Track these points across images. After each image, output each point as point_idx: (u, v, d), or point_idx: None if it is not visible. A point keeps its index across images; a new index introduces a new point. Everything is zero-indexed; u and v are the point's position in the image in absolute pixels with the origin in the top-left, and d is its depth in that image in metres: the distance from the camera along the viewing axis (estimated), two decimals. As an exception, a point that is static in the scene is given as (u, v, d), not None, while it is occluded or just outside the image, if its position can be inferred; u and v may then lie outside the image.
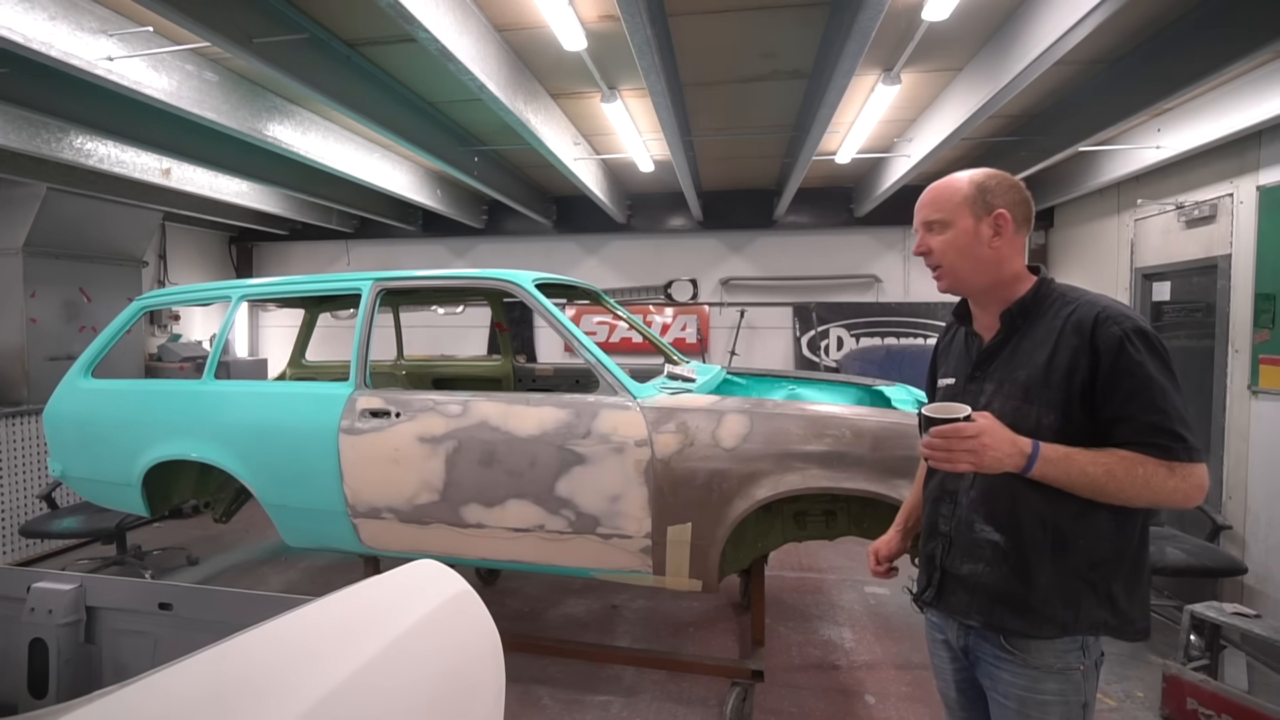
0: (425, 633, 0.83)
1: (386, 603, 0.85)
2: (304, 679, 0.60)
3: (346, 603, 0.83)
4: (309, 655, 0.66)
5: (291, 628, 0.71)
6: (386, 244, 7.26)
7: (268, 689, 0.58)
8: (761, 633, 2.83)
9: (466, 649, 0.90)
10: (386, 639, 0.76)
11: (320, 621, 0.76)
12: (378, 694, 0.69)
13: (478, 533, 2.60)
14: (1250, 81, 3.26)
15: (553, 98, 3.73)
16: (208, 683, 0.56)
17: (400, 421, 2.67)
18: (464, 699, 0.85)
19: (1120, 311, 1.26)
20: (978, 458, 1.20)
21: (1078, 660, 1.30)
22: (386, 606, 0.83)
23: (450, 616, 0.89)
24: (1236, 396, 3.59)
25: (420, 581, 0.93)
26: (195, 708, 0.51)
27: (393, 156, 4.87)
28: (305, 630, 0.72)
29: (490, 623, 0.96)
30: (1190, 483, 1.18)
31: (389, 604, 0.84)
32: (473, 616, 0.93)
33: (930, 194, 1.42)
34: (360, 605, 0.83)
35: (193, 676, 0.56)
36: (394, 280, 2.96)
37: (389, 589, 0.89)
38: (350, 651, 0.70)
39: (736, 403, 2.41)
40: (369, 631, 0.75)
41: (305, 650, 0.67)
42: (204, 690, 0.54)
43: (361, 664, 0.69)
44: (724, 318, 6.56)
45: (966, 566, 1.38)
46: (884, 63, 3.16)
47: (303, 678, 0.60)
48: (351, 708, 0.64)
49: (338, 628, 0.75)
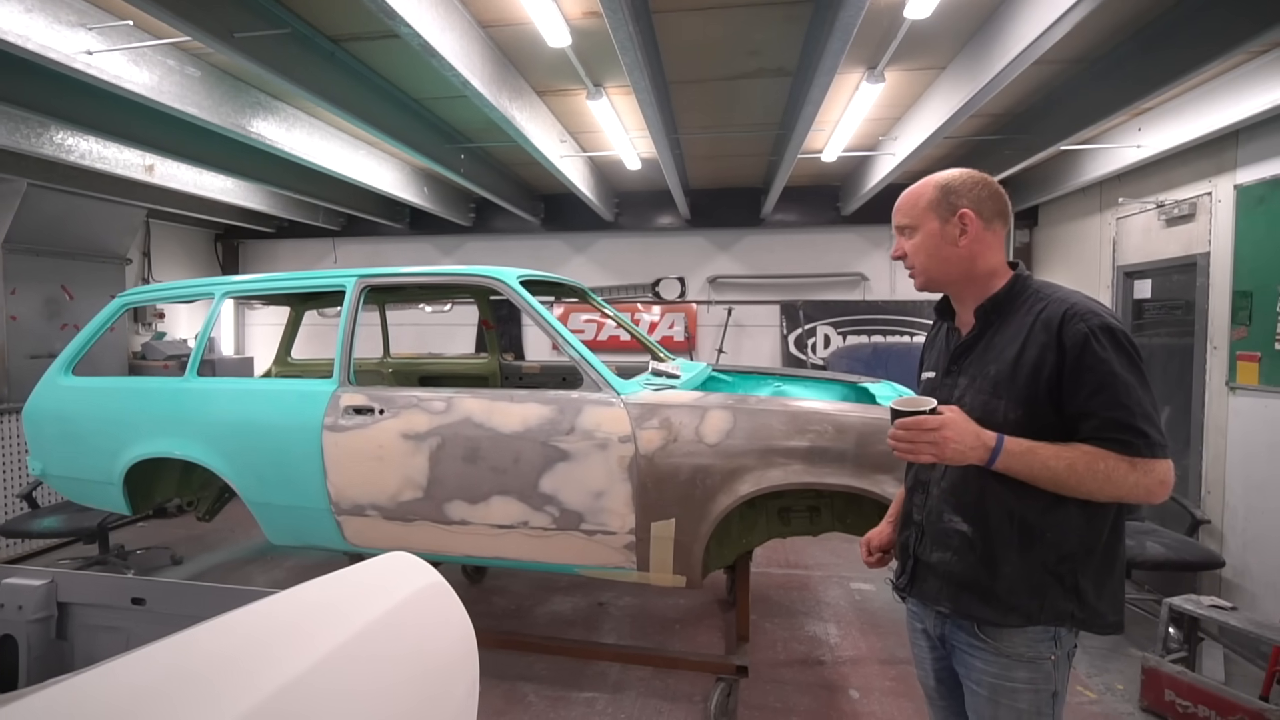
0: (394, 623, 0.83)
1: (355, 593, 0.84)
2: (264, 667, 0.60)
3: (315, 593, 0.82)
4: (271, 643, 0.66)
5: (256, 617, 0.71)
6: (374, 242, 7.22)
7: (225, 677, 0.58)
8: (746, 628, 2.84)
9: (438, 640, 0.90)
10: (353, 628, 0.75)
11: (286, 611, 0.75)
12: (342, 683, 0.69)
13: (462, 530, 2.60)
14: (1227, 82, 3.30)
15: (539, 95, 3.72)
16: (162, 671, 0.55)
17: (384, 418, 2.66)
18: (434, 690, 0.85)
19: (1088, 308, 1.27)
20: (939, 449, 1.22)
21: (1049, 650, 1.32)
22: (355, 596, 0.83)
23: (421, 607, 0.89)
24: (1215, 393, 3.64)
25: (391, 572, 0.93)
26: (146, 696, 0.51)
27: (379, 154, 4.84)
28: (270, 619, 0.72)
29: (463, 615, 0.96)
30: (1152, 478, 1.19)
31: (357, 594, 0.84)
32: (445, 608, 0.93)
33: (902, 200, 1.46)
34: (328, 595, 0.83)
35: (149, 665, 0.56)
36: (378, 277, 2.95)
37: (359, 579, 0.89)
38: (315, 640, 0.70)
39: (720, 398, 2.42)
40: (335, 621, 0.75)
41: (268, 639, 0.67)
42: (157, 678, 0.54)
43: (325, 653, 0.69)
44: (712, 316, 6.58)
45: (936, 555, 1.40)
46: (868, 61, 3.18)
47: (262, 666, 0.60)
48: (314, 696, 0.64)
49: (304, 617, 0.75)
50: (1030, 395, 1.28)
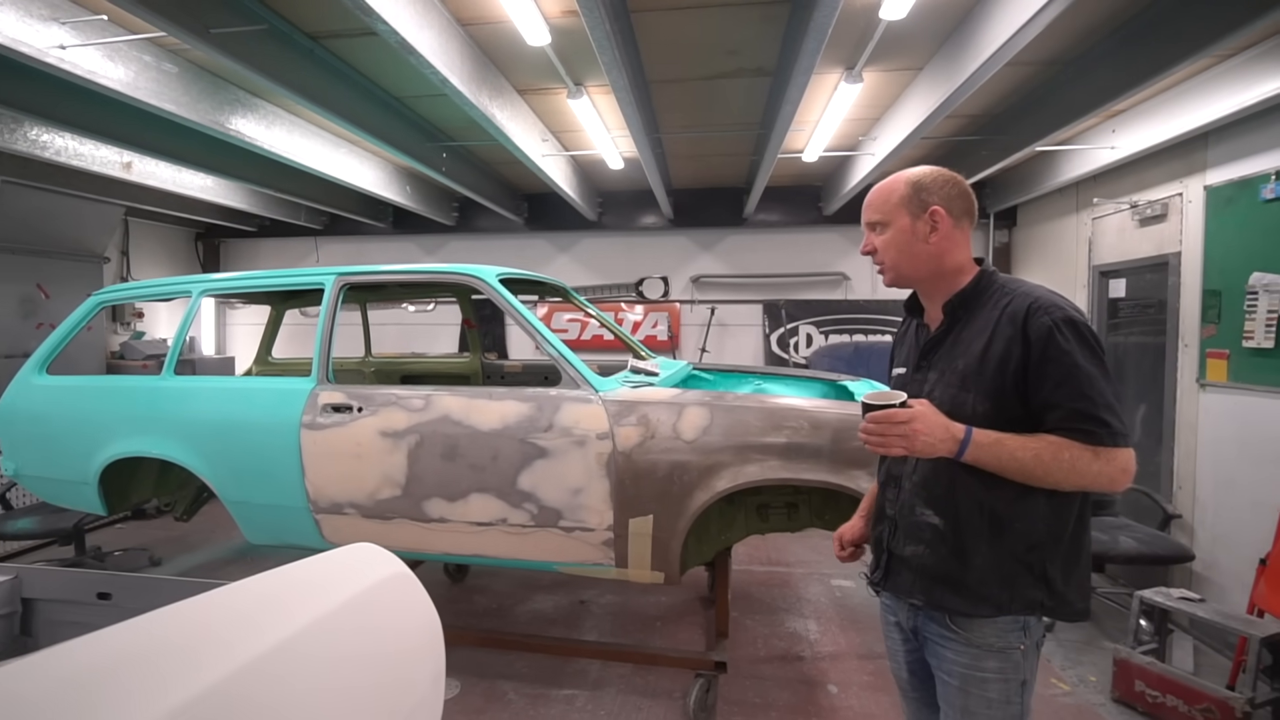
0: (355, 611, 0.83)
1: (316, 581, 0.85)
2: (214, 652, 0.61)
3: (275, 581, 0.83)
4: (224, 630, 0.66)
5: (211, 604, 0.71)
6: (357, 241, 7.18)
7: (172, 661, 0.58)
8: (726, 625, 2.86)
9: (401, 629, 0.91)
10: (311, 616, 0.76)
11: (244, 598, 0.76)
12: (296, 669, 0.69)
13: (440, 527, 2.59)
14: (1197, 85, 3.37)
15: (519, 93, 3.72)
16: (108, 655, 0.56)
17: (362, 416, 2.65)
18: (396, 678, 0.85)
19: (1052, 302, 1.30)
20: (909, 442, 1.24)
21: (1018, 640, 1.34)
22: (315, 584, 0.84)
23: (384, 597, 0.90)
24: (1186, 390, 3.71)
25: (355, 561, 0.93)
26: (88, 679, 0.51)
27: (360, 152, 4.82)
28: (225, 607, 0.72)
29: (429, 605, 0.96)
30: (1115, 466, 1.22)
31: (318, 582, 0.85)
32: (409, 598, 0.94)
33: (871, 196, 1.48)
34: (288, 583, 0.83)
35: (94, 649, 0.56)
36: (357, 275, 2.95)
37: (321, 568, 0.89)
38: (270, 627, 0.70)
39: (697, 395, 2.44)
40: (293, 608, 0.76)
41: (221, 625, 0.67)
42: (101, 662, 0.54)
43: (281, 639, 0.69)
44: (695, 315, 6.60)
45: (909, 548, 1.42)
46: (846, 61, 3.21)
47: (212, 651, 0.61)
48: (267, 681, 0.64)
49: (261, 604, 0.75)
50: (997, 388, 1.30)
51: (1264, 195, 3.15)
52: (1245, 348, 3.25)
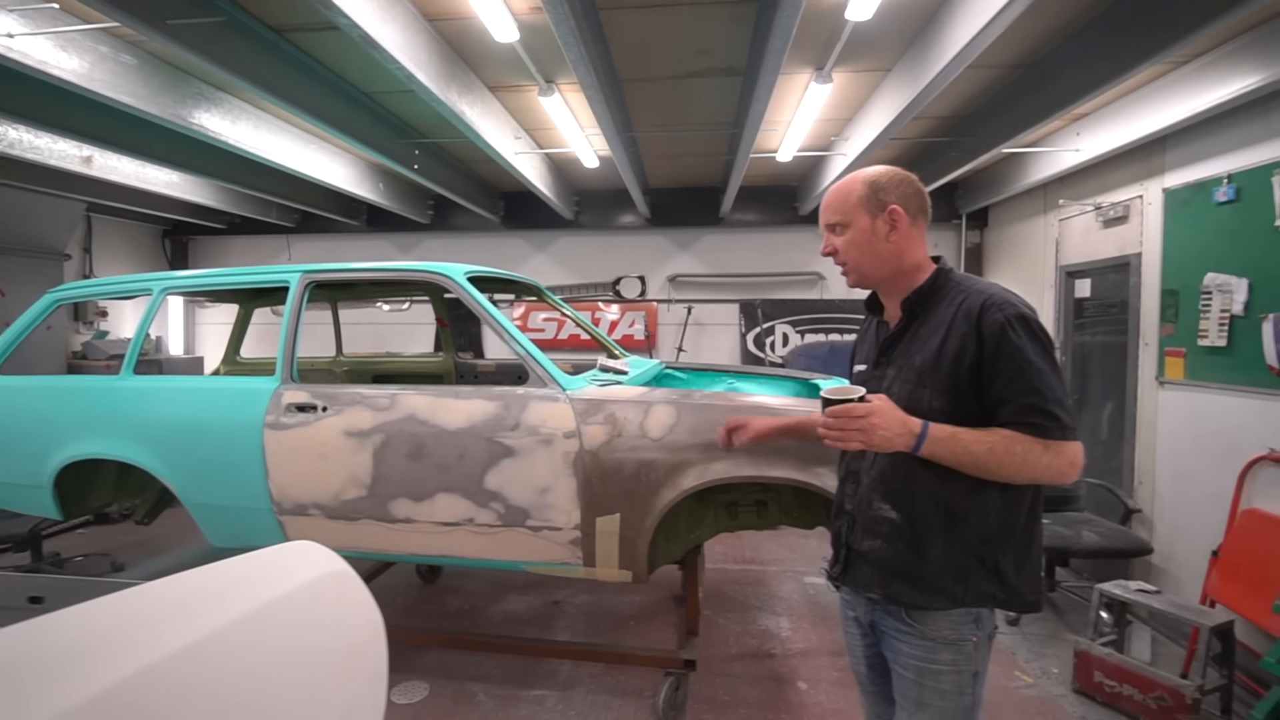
0: (286, 608, 0.81)
1: (247, 577, 0.83)
2: (119, 653, 0.59)
3: (202, 577, 0.81)
4: (139, 627, 0.64)
5: (128, 601, 0.69)
6: (330, 239, 7.08)
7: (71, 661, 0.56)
8: (696, 623, 2.86)
9: (338, 627, 0.89)
10: (237, 613, 0.74)
11: (164, 595, 0.73)
12: (219, 667, 0.67)
13: (406, 528, 2.56)
14: (1155, 90, 3.45)
15: (490, 90, 3.69)
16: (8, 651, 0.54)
17: (326, 416, 2.61)
18: (330, 677, 0.83)
19: (1005, 299, 1.33)
20: (867, 437, 1.25)
21: (971, 632, 1.37)
22: (245, 581, 0.82)
23: (320, 594, 0.88)
24: (1146, 387, 3.80)
25: (290, 558, 0.91)
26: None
27: (330, 148, 4.75)
28: (144, 603, 0.70)
29: (370, 604, 0.95)
30: (1064, 459, 1.25)
31: (249, 578, 0.83)
32: (348, 596, 0.92)
33: (830, 196, 1.49)
34: (217, 580, 0.81)
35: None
36: (322, 272, 2.90)
37: (255, 565, 0.87)
38: (191, 623, 0.68)
39: (664, 394, 2.44)
40: (217, 604, 0.74)
41: (136, 622, 0.65)
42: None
43: (201, 636, 0.67)
44: (672, 314, 6.61)
45: (867, 543, 1.44)
46: (815, 62, 3.24)
47: (118, 651, 0.59)
48: (179, 680, 0.62)
49: (182, 601, 0.73)
50: (953, 383, 1.33)
51: (1217, 198, 3.24)
52: (1200, 346, 3.33)
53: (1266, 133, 3.04)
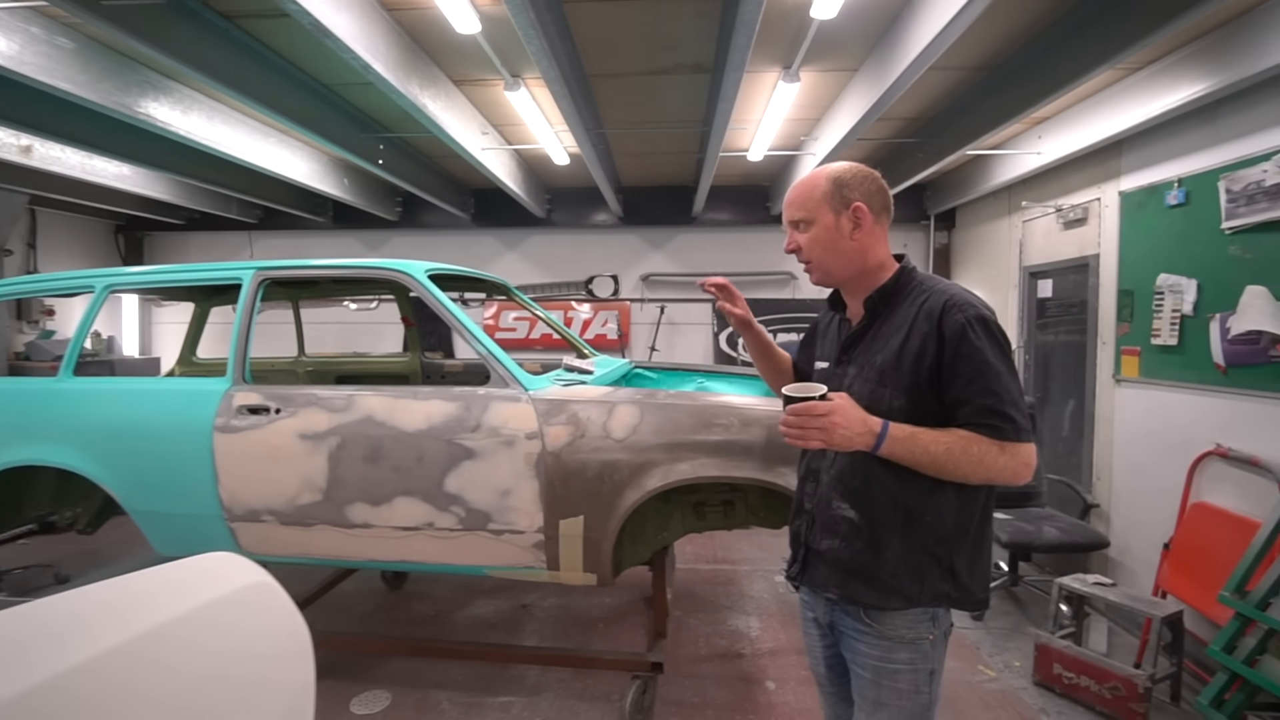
0: (199, 622, 0.76)
1: (158, 590, 0.78)
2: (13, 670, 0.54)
3: (109, 591, 0.75)
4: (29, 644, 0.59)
5: (21, 617, 0.64)
6: (295, 236, 6.90)
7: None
8: (664, 625, 2.83)
9: (258, 642, 0.84)
10: (143, 627, 0.69)
11: (62, 609, 0.68)
12: (120, 686, 0.62)
13: (364, 533, 2.49)
14: (1111, 95, 3.53)
15: (455, 84, 3.62)
16: None
17: (280, 418, 2.52)
18: (247, 693, 0.79)
19: (966, 300, 1.33)
20: (828, 435, 1.24)
21: (928, 630, 1.37)
22: (156, 594, 0.76)
23: (239, 607, 0.83)
24: (1104, 385, 3.89)
25: (206, 570, 0.86)
26: None
27: (291, 142, 4.61)
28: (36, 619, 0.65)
29: (294, 617, 0.89)
30: (1018, 460, 1.25)
31: (161, 591, 0.77)
32: (269, 609, 0.87)
33: (793, 193, 1.46)
34: (125, 593, 0.75)
35: None
36: (277, 270, 2.81)
37: (168, 577, 0.82)
38: (89, 639, 0.63)
39: (628, 394, 2.41)
40: (122, 621, 0.68)
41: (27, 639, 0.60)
42: None
43: (100, 652, 0.62)
44: (645, 314, 6.59)
45: (826, 542, 1.43)
46: (783, 61, 3.24)
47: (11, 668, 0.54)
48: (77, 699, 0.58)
49: (82, 616, 0.68)
50: (913, 383, 1.32)
51: (1168, 201, 3.32)
52: (1154, 345, 3.41)
53: (1213, 138, 3.13)
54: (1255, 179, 2.82)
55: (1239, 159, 2.93)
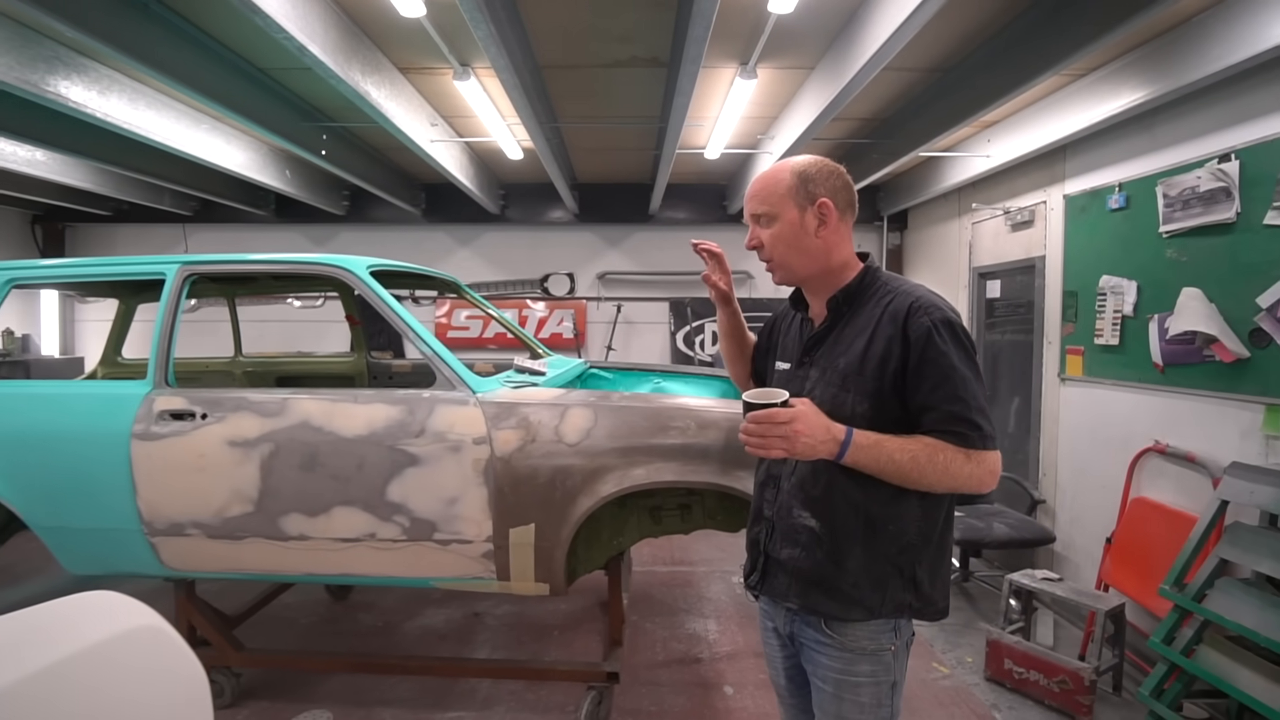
0: (73, 673, 0.65)
1: (21, 639, 0.66)
2: None
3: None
4: None
5: None
6: (234, 230, 6.55)
7: None
8: (620, 632, 2.76)
9: (146, 693, 0.73)
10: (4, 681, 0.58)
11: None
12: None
13: (300, 545, 2.34)
14: (1057, 100, 3.62)
15: (401, 72, 3.46)
16: None
17: (207, 424, 2.35)
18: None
19: (932, 302, 1.29)
20: (790, 443, 1.18)
21: (889, 641, 1.33)
22: (17, 644, 0.65)
23: (122, 654, 0.72)
24: (1049, 384, 3.99)
25: (84, 613, 0.74)
26: None
27: (226, 130, 4.35)
28: None
29: (189, 661, 0.78)
30: (984, 468, 1.22)
31: (25, 640, 0.66)
32: (159, 654, 0.76)
33: (756, 186, 1.40)
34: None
35: None
36: (204, 264, 2.62)
37: (33, 623, 0.70)
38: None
39: (581, 396, 2.32)
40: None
41: None
42: None
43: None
44: (601, 313, 6.50)
45: (786, 551, 1.38)
46: (740, 56, 3.20)
47: None
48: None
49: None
50: (877, 388, 1.28)
51: (1110, 205, 3.42)
52: (1097, 344, 3.52)
53: (1151, 145, 3.23)
54: (1190, 185, 2.92)
55: (1175, 165, 3.03)
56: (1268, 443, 2.60)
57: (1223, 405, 2.79)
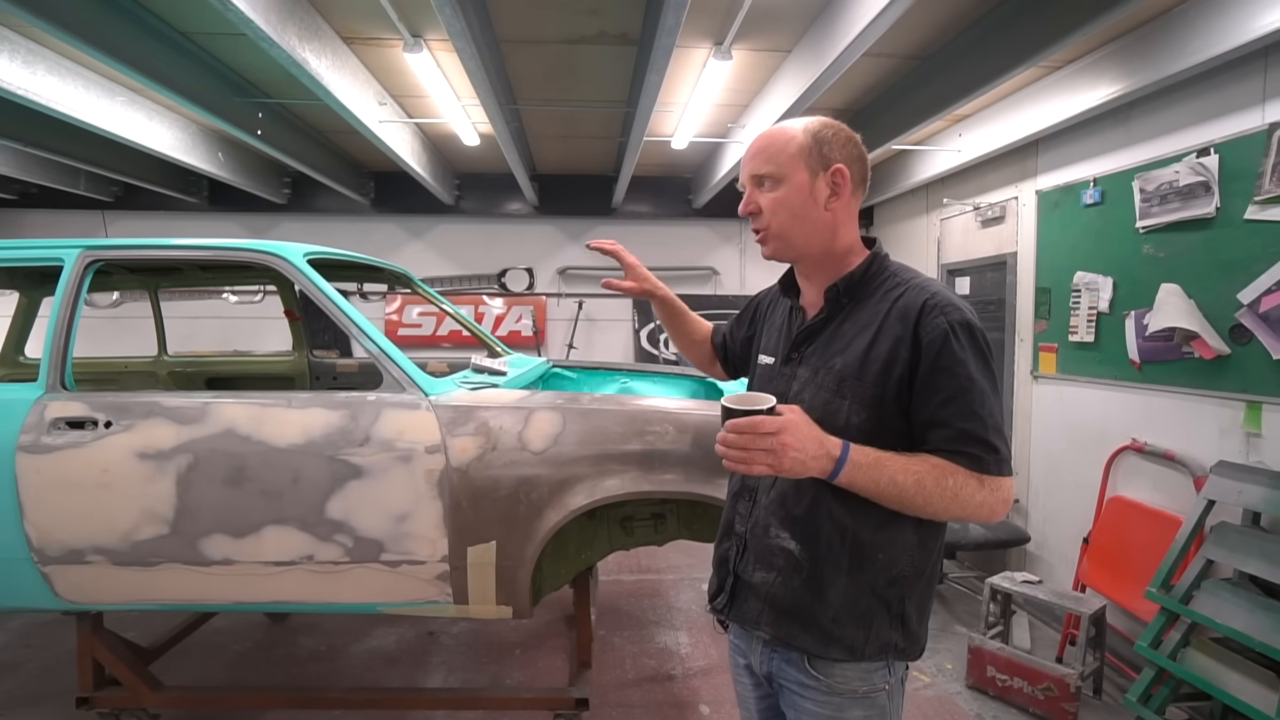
0: None
1: None
2: None
3: None
4: None
5: None
6: (161, 217, 6.02)
7: None
8: (588, 653, 2.55)
9: None
10: None
11: None
12: None
13: (225, 571, 2.04)
14: (1029, 95, 3.56)
15: (345, 42, 3.14)
16: None
17: (112, 433, 2.03)
18: None
19: (949, 300, 1.11)
20: (777, 459, 0.98)
21: (883, 680, 1.16)
22: None
23: None
24: (1022, 381, 3.95)
25: None
26: None
27: (146, 103, 3.92)
28: None
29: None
30: (997, 496, 1.05)
31: None
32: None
33: (760, 142, 1.19)
34: None
35: None
36: (110, 249, 2.29)
37: None
38: None
39: (547, 398, 2.10)
40: None
41: None
42: None
43: None
44: (562, 309, 6.24)
45: (758, 574, 1.20)
46: (715, 35, 3.01)
47: None
48: None
49: None
50: (878, 396, 1.10)
51: (1085, 201, 3.38)
52: (1071, 342, 3.48)
53: (1128, 139, 3.20)
54: (1168, 179, 2.88)
55: (1152, 160, 2.99)
56: (1248, 440, 2.57)
57: (1201, 402, 2.76)
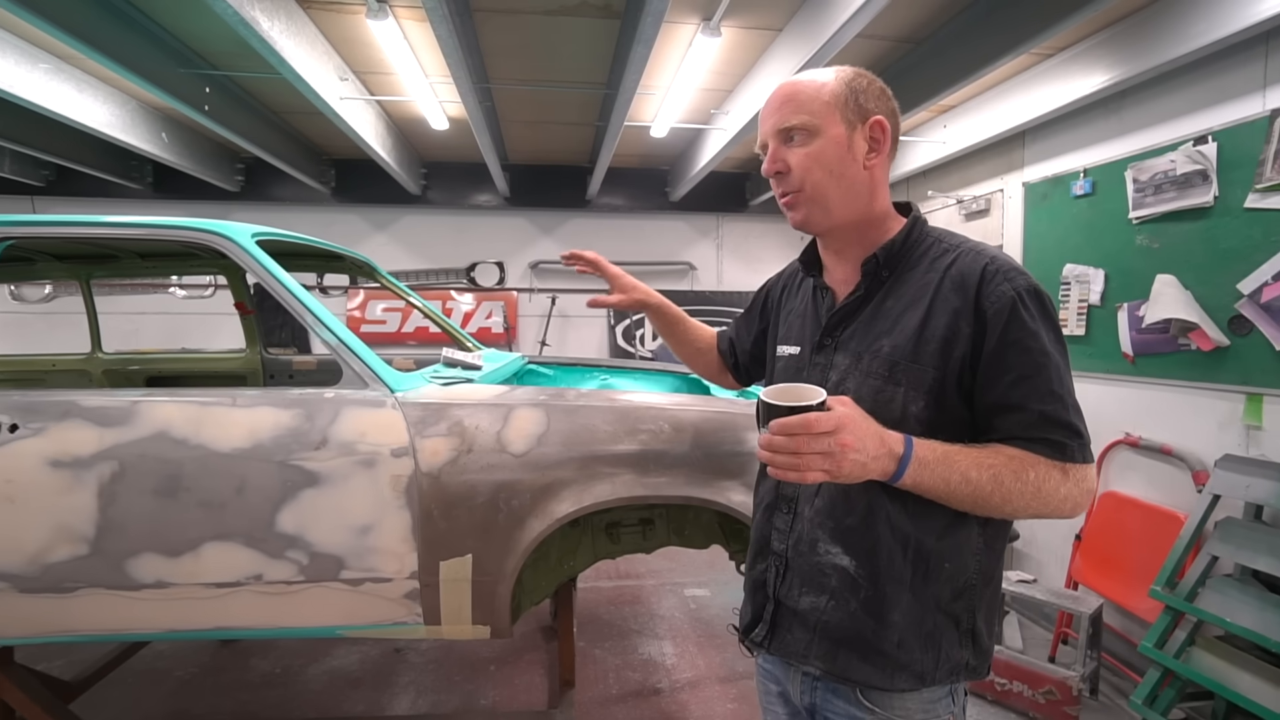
0: None
1: None
2: None
3: None
4: None
5: None
6: (99, 204, 5.60)
7: None
8: (571, 671, 2.36)
9: None
10: None
11: None
12: None
13: (157, 595, 1.78)
14: (1015, 86, 3.50)
15: (301, 5, 2.88)
16: None
17: (19, 438, 1.75)
18: None
19: (1012, 265, 0.95)
20: (835, 463, 0.82)
21: (946, 709, 1.01)
22: None
23: None
24: (1007, 376, 3.89)
25: None
26: None
27: (75, 74, 3.57)
28: None
29: None
30: (1083, 488, 0.91)
31: None
32: None
33: (786, 90, 1.02)
34: None
35: None
36: (20, 227, 2.01)
37: None
38: None
39: (529, 394, 1.89)
40: None
41: None
42: None
43: None
44: (534, 305, 6.01)
45: (807, 599, 1.03)
46: (704, 10, 2.84)
47: None
48: None
49: None
50: (938, 380, 0.94)
51: (1075, 192, 3.32)
52: (1061, 335, 3.41)
53: (1119, 129, 3.14)
54: (1163, 169, 2.82)
55: (1146, 149, 2.93)
56: (1248, 433, 2.52)
57: (1199, 395, 2.70)
